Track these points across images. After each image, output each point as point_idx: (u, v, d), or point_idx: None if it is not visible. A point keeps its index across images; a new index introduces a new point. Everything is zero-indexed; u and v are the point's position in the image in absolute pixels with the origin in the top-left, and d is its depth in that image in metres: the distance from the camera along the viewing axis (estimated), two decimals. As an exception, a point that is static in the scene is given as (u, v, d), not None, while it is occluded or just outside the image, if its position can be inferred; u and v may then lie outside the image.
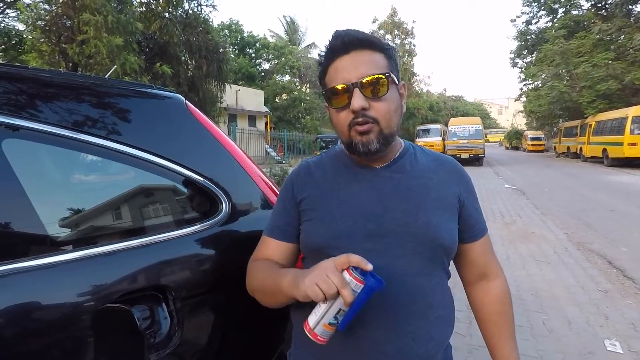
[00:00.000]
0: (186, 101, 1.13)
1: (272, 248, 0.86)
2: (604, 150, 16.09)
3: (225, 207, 1.04)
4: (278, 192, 0.96)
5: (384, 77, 0.75)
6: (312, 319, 0.64)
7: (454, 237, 0.82)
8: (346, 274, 0.62)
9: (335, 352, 0.78)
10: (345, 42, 0.75)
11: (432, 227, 0.78)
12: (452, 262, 0.91)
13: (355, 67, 0.74)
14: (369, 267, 0.63)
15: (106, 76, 1.24)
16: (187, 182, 1.02)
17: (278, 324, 1.12)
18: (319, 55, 0.82)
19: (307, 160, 0.93)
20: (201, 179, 1.02)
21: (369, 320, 0.75)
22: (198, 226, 0.99)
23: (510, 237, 5.12)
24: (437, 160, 0.89)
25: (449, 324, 0.85)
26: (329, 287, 0.61)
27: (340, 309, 0.63)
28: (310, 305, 0.66)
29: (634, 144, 13.92)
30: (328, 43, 0.78)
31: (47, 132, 0.85)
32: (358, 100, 0.73)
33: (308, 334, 0.64)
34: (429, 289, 0.79)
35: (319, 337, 0.64)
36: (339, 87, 0.75)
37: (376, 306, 0.74)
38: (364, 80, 0.73)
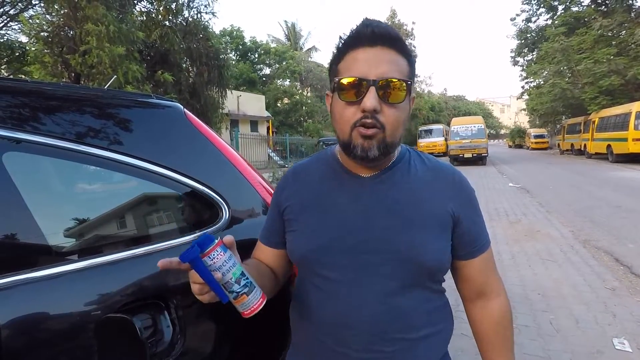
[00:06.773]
0: (185, 110, 1.14)
1: (262, 252, 0.89)
2: (608, 146, 15.99)
3: (225, 214, 1.04)
4: None
5: (405, 84, 0.68)
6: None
7: (442, 257, 0.76)
8: None
9: None
10: (375, 34, 0.67)
11: (415, 247, 0.72)
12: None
13: (377, 64, 0.67)
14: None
15: (105, 87, 1.25)
16: (186, 190, 1.03)
17: (281, 330, 1.11)
18: (340, 37, 0.72)
19: (296, 164, 0.90)
20: (200, 186, 1.03)
21: (347, 340, 0.73)
22: (198, 234, 0.99)
23: (515, 236, 5.09)
24: (434, 170, 0.80)
25: (439, 341, 0.79)
26: (192, 285, 0.64)
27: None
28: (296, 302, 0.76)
29: (638, 140, 13.81)
30: (354, 28, 0.70)
31: (47, 144, 0.86)
32: (372, 100, 0.65)
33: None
34: (409, 309, 0.73)
35: (244, 312, 0.66)
36: (354, 79, 0.67)
37: (352, 326, 0.73)
38: (383, 81, 0.66)
